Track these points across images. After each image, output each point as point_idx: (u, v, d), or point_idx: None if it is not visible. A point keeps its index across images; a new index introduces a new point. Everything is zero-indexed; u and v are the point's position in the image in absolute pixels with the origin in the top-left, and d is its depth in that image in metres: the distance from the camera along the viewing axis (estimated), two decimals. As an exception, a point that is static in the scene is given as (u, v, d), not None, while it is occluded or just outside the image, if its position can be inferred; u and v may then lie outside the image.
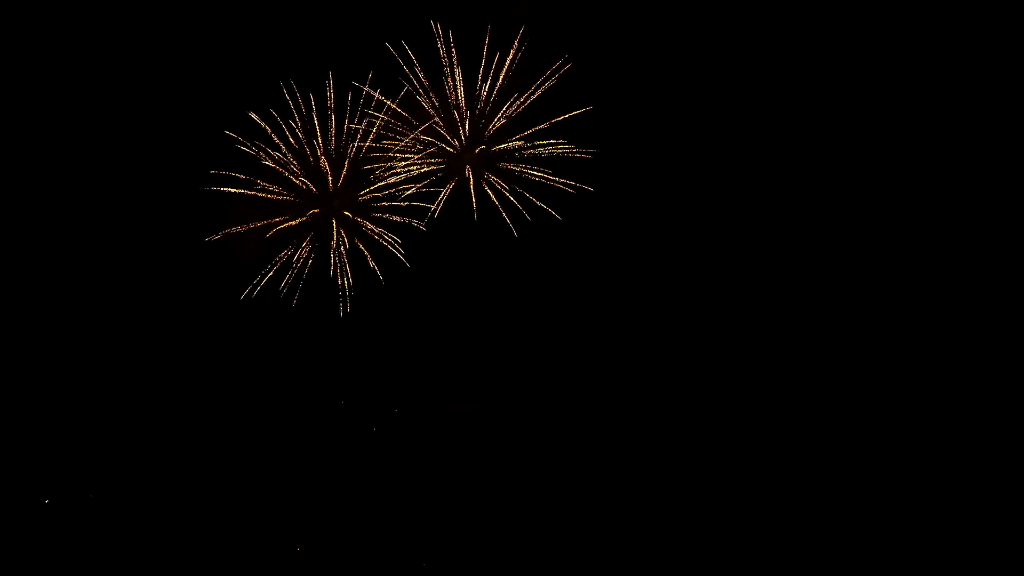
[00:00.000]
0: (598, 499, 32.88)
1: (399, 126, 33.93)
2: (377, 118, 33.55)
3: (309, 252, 34.48)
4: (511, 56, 33.27)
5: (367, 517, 33.70)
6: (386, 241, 34.38)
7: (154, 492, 33.16)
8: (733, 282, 34.67)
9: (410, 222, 34.37)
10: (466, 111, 33.79)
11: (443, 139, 34.13)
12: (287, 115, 33.31)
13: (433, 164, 34.28)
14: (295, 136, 33.58)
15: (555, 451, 34.04)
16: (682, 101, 34.34)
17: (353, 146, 33.91)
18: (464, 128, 33.98)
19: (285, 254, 34.30)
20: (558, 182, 34.01)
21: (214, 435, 34.38)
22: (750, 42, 33.63)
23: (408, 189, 34.25)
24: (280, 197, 33.95)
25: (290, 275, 34.34)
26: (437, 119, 33.79)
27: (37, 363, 33.00)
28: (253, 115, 33.23)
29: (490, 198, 34.16)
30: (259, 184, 33.63)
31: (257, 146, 33.42)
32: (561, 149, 33.82)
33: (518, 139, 34.08)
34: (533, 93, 33.56)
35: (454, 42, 33.04)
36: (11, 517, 31.12)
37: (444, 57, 33.14)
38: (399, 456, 34.87)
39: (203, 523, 32.89)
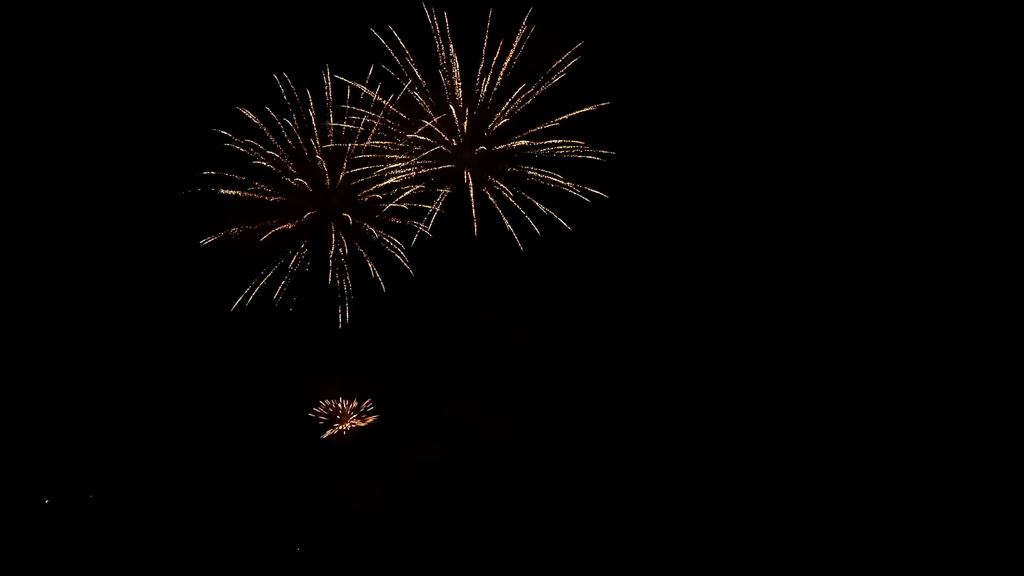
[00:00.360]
0: (598, 500, 31.48)
1: (394, 125, 31.26)
2: (370, 116, 31.08)
3: (306, 256, 32.98)
4: (516, 44, 29.81)
5: (366, 518, 33.34)
6: (388, 246, 32.43)
7: (154, 494, 33.88)
8: (762, 304, 31.00)
9: (410, 223, 32.25)
10: (464, 108, 30.58)
11: (440, 139, 31.25)
12: (281, 111, 31.54)
13: (431, 165, 31.54)
14: (290, 133, 31.76)
15: (555, 453, 32.84)
16: (708, 97, 30.50)
17: (352, 146, 31.69)
18: (463, 126, 30.86)
19: (281, 259, 32.94)
20: (568, 187, 30.97)
21: (212, 438, 34.57)
22: (788, 30, 28.71)
23: (406, 191, 31.86)
24: (275, 199, 32.36)
25: (286, 281, 33.05)
26: (434, 118, 30.78)
27: (35, 366, 33.64)
28: (247, 112, 31.43)
29: (492, 204, 31.37)
30: (255, 185, 32.17)
31: (250, 145, 31.77)
32: (566, 148, 30.69)
33: (523, 138, 30.94)
34: (541, 86, 30.24)
35: (451, 28, 29.75)
36: (11, 517, 32.47)
37: (440, 47, 29.85)
38: (398, 459, 34.07)
39: (203, 523, 33.42)
